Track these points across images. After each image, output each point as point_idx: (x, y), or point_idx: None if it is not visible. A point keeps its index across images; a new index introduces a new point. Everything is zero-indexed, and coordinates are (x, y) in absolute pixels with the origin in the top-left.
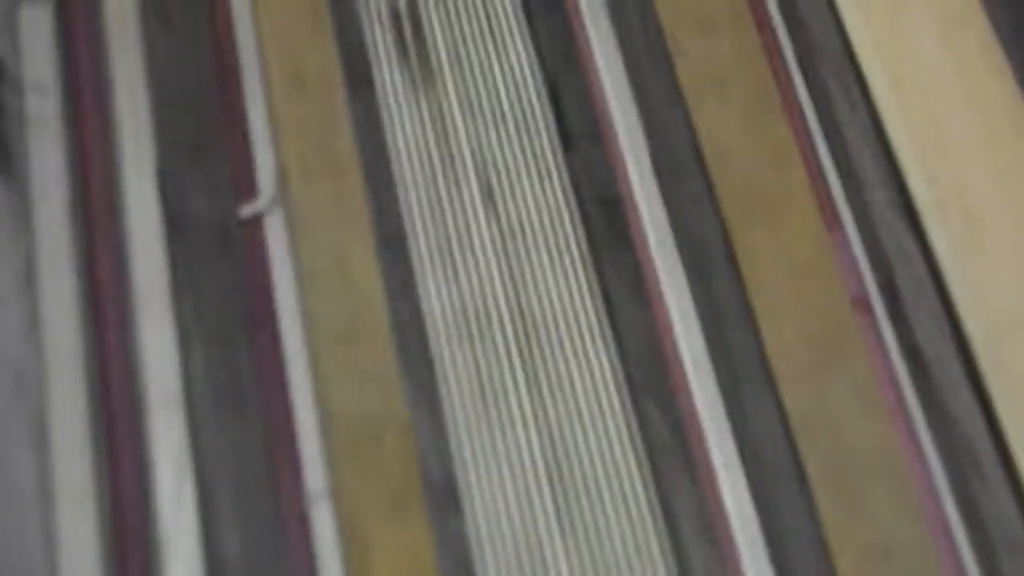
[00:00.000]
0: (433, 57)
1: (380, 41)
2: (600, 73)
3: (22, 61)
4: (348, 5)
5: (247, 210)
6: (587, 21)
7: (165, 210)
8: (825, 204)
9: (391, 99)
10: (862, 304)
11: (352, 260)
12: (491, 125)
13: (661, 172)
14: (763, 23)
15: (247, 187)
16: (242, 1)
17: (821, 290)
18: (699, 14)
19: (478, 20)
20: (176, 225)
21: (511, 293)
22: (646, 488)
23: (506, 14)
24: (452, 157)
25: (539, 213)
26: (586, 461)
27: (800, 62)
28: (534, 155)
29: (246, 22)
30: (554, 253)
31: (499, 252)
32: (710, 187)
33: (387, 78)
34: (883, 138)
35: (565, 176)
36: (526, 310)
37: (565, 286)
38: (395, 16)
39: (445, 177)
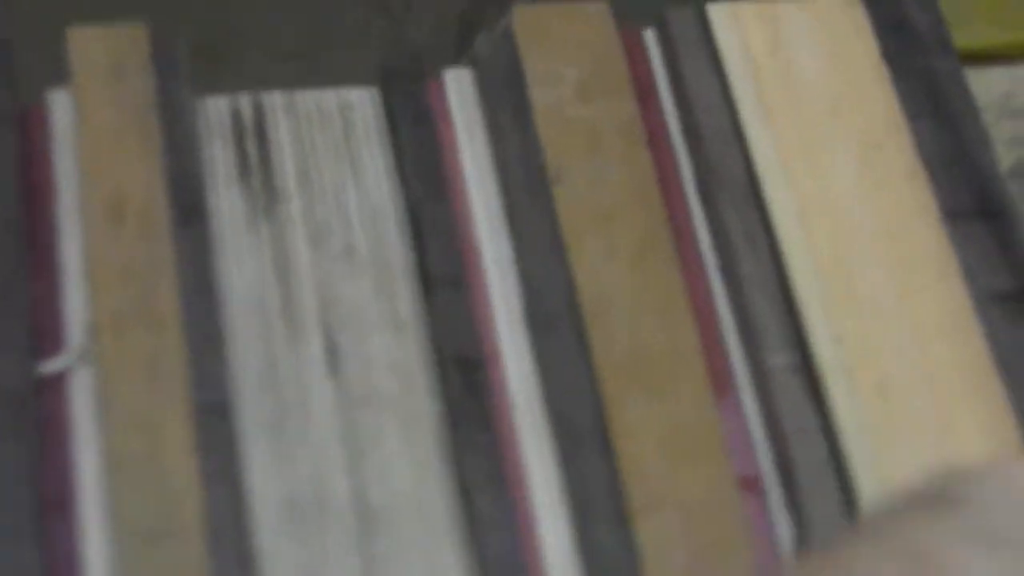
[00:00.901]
0: (279, 176)
1: (218, 158)
2: (470, 202)
3: None
4: (182, 116)
5: (48, 366)
6: (459, 135)
7: None
8: (717, 366)
9: (226, 229)
10: (752, 485)
11: (165, 434)
12: (340, 262)
13: (532, 325)
14: (658, 141)
15: (51, 340)
16: (62, 111)
17: (706, 471)
18: (586, 131)
19: (333, 130)
20: None
21: (351, 477)
22: None
23: (365, 124)
24: (292, 303)
25: (389, 376)
26: None
27: (699, 189)
28: (388, 302)
29: (66, 141)
30: (404, 428)
31: (340, 426)
32: (586, 345)
33: (223, 203)
34: (787, 285)
35: (422, 329)
36: (368, 498)
37: (414, 469)
38: (238, 126)
39: (283, 329)
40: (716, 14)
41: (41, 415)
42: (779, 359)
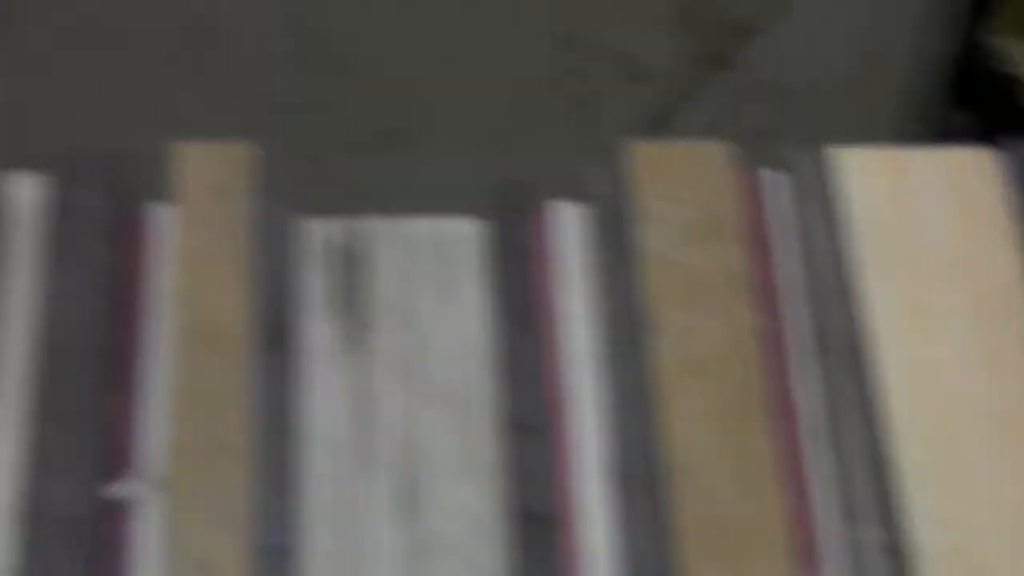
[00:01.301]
0: (369, 306)
1: (312, 283)
2: (562, 344)
3: None
4: (279, 242)
5: (115, 490)
6: (558, 273)
7: (23, 491)
8: (803, 537)
9: (310, 358)
10: None
11: (221, 574)
12: (422, 401)
13: (612, 481)
14: (765, 291)
15: (122, 461)
16: (160, 227)
17: None
18: (689, 277)
19: (430, 263)
20: (32, 510)
21: None
22: None
23: (464, 260)
24: (370, 442)
25: (460, 523)
26: None
27: (803, 345)
28: (468, 445)
29: (161, 253)
30: None
31: (403, 573)
32: (665, 507)
33: (311, 331)
34: (887, 456)
35: (499, 477)
36: None
37: None
38: (337, 254)
39: (357, 468)
40: (840, 159)
41: (102, 539)
42: (871, 535)
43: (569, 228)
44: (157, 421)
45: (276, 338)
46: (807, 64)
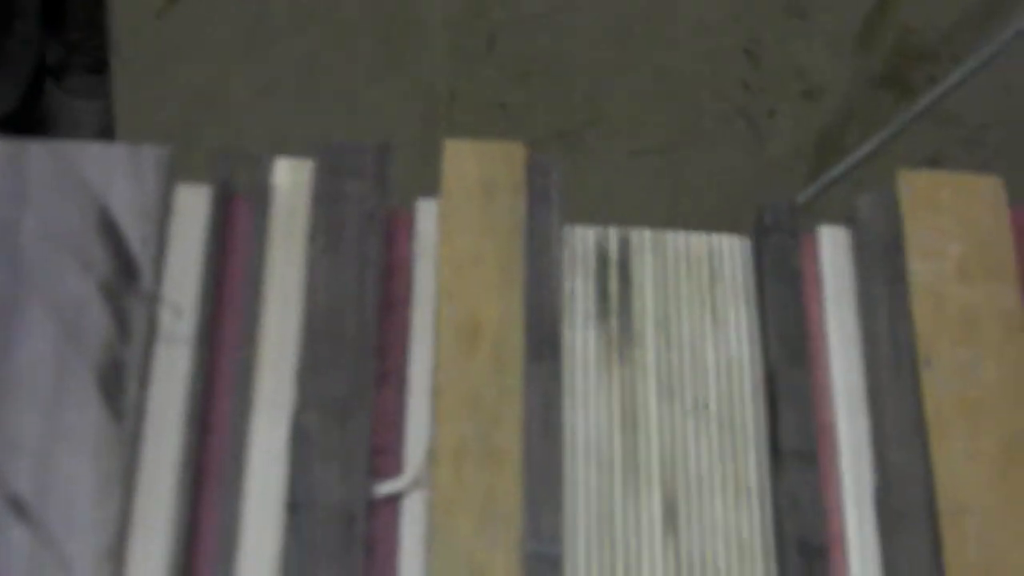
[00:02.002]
0: (637, 318)
1: (578, 292)
2: (831, 372)
3: (164, 266)
4: (547, 245)
5: (384, 488)
6: (827, 299)
7: (290, 481)
8: None
9: (578, 367)
10: None
11: None
12: (689, 418)
13: (882, 516)
14: None
15: (390, 458)
16: (427, 230)
17: None
18: (963, 313)
19: (697, 277)
20: (298, 500)
21: None
22: None
23: (732, 274)
24: (636, 455)
25: (727, 546)
26: None
27: None
28: (734, 466)
29: (428, 254)
30: None
31: None
32: (937, 546)
33: (578, 341)
34: None
35: (766, 501)
36: None
37: None
38: (602, 262)
39: (623, 481)
40: None
41: (370, 537)
42: None
43: (839, 254)
44: (424, 419)
45: (545, 344)
46: (987, 96)
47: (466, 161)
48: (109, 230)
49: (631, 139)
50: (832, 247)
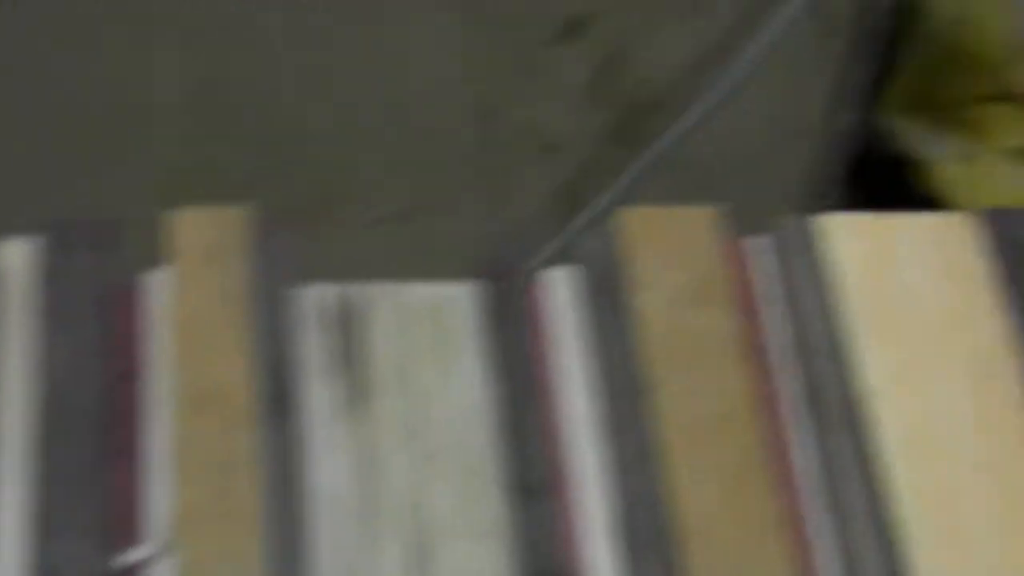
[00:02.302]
0: (373, 371)
1: (312, 348)
2: (564, 407)
3: None
4: (276, 304)
5: (123, 559)
6: (557, 337)
7: (32, 555)
8: None
9: (315, 423)
10: None
11: None
12: (426, 464)
13: (622, 543)
14: (760, 356)
15: (128, 530)
16: (155, 294)
17: None
18: (686, 341)
19: (429, 327)
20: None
21: None
22: None
23: (462, 325)
24: (378, 504)
25: None
26: None
27: (800, 409)
28: (476, 508)
29: (156, 321)
30: None
31: None
32: (676, 568)
33: (314, 396)
34: (888, 515)
35: (509, 539)
36: None
37: None
38: (335, 318)
39: (365, 532)
40: (827, 226)
41: None
42: None
43: (563, 292)
44: (162, 487)
45: (279, 402)
46: (713, 140)
47: (192, 229)
48: None
49: (371, 207)
50: (558, 288)
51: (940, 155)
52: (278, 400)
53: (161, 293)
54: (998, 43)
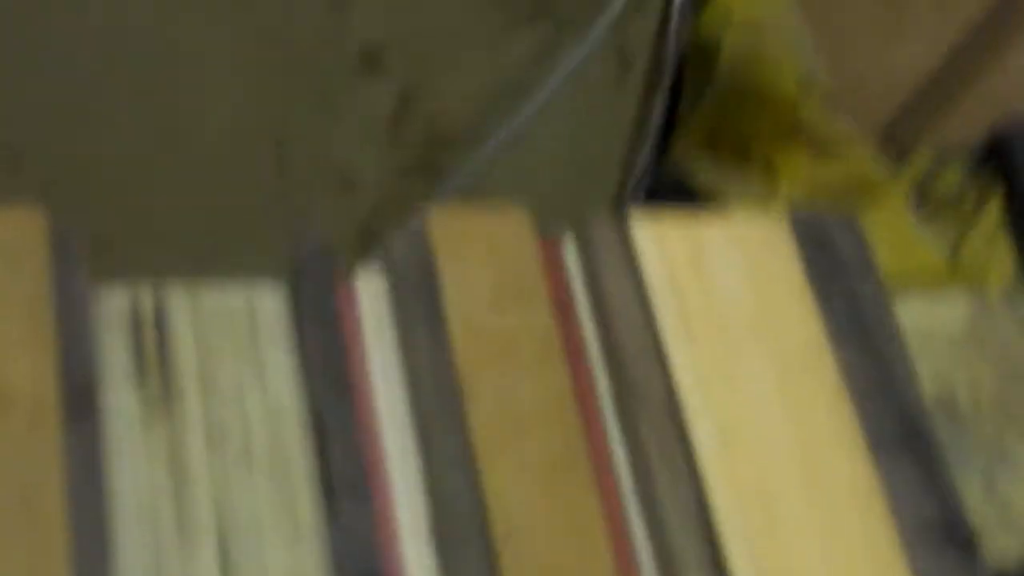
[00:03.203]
0: (177, 373)
1: (115, 351)
2: (377, 408)
3: None
4: (76, 307)
5: None
6: (367, 339)
7: None
8: None
9: (120, 427)
10: None
11: None
12: (238, 469)
13: (438, 542)
14: (574, 355)
15: None
16: None
17: None
18: (499, 341)
19: (236, 327)
20: None
21: None
22: None
23: (271, 322)
24: (185, 507)
25: None
26: None
27: (616, 408)
28: (287, 509)
29: None
30: None
31: None
32: (494, 566)
33: (118, 400)
34: (706, 511)
35: (321, 540)
36: None
37: None
38: (136, 319)
39: (174, 535)
40: (638, 228)
41: None
42: None
43: (374, 291)
44: None
45: (83, 406)
46: (510, 173)
47: None
48: None
49: (166, 245)
50: (369, 288)
51: (735, 192)
52: (80, 403)
53: None
54: (790, 81)
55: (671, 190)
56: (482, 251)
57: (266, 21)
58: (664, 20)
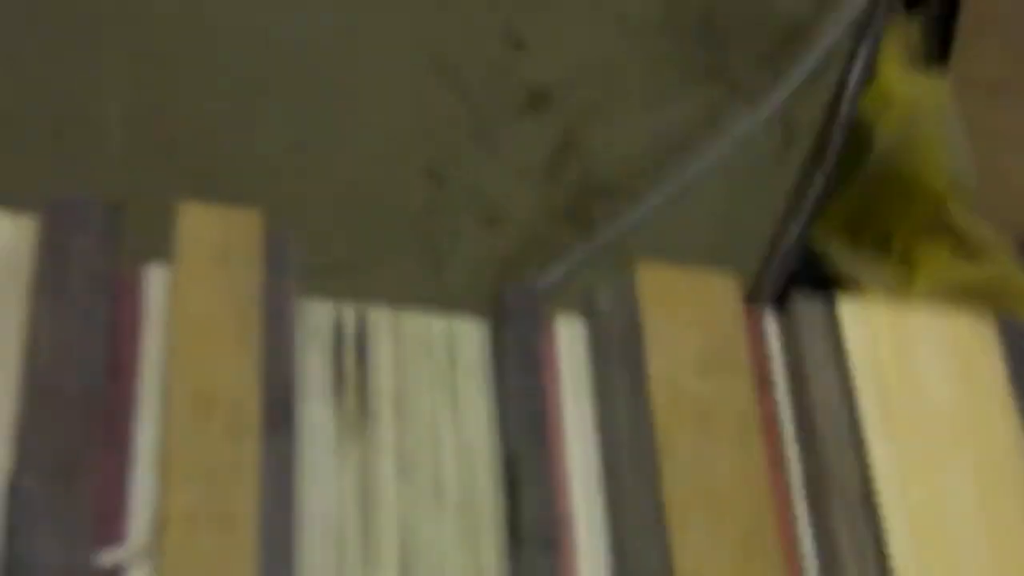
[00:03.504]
0: (374, 396)
1: (314, 366)
2: (569, 460)
3: None
4: (284, 315)
5: (105, 559)
6: (565, 387)
7: (6, 547)
8: None
9: (313, 442)
10: None
11: None
12: (426, 501)
13: None
14: (769, 431)
15: (112, 526)
16: (157, 288)
17: None
18: (699, 406)
19: (436, 358)
20: (16, 567)
21: None
22: None
23: (471, 357)
24: (371, 534)
25: None
26: None
27: (808, 490)
28: (471, 550)
29: (157, 315)
30: None
31: None
32: None
33: (313, 416)
34: None
35: None
36: None
37: None
38: (339, 338)
39: (359, 559)
40: (845, 309)
41: None
42: None
43: (577, 343)
44: (151, 486)
45: (280, 415)
46: (662, 234)
47: (201, 225)
48: None
49: (310, 255)
50: (570, 336)
51: (872, 282)
52: (279, 413)
53: (161, 286)
54: (939, 176)
55: (811, 273)
56: (689, 313)
57: (443, 50)
58: (836, 98)
